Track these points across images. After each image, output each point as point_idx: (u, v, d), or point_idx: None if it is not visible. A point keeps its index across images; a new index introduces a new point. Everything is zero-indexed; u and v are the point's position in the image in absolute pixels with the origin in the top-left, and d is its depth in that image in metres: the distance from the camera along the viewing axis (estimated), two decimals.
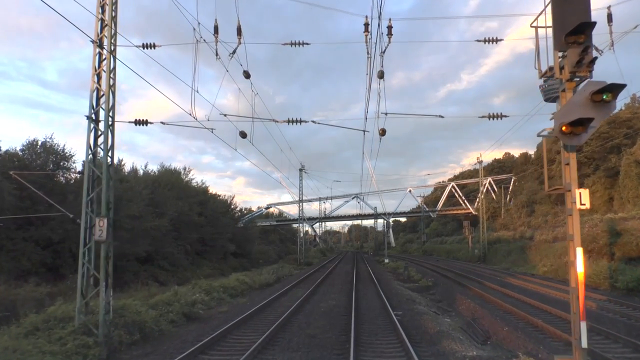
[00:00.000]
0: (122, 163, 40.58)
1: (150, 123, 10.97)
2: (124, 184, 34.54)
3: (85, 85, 11.82)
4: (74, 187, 25.27)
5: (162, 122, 11.28)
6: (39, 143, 24.12)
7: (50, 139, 24.57)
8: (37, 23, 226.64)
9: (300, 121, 11.02)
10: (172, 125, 11.72)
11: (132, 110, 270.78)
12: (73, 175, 27.72)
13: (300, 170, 48.83)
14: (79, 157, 28.09)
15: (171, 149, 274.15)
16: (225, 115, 11.30)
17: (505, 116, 9.45)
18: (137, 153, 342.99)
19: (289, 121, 11.06)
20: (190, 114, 10.59)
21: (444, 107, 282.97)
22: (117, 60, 10.41)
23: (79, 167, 25.78)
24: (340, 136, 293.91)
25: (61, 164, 26.29)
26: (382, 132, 10.79)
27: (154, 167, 47.30)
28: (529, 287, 22.68)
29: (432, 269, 38.84)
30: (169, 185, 43.76)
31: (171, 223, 38.05)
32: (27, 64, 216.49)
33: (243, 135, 11.68)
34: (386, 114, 10.16)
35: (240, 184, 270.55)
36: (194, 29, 10.63)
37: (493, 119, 9.51)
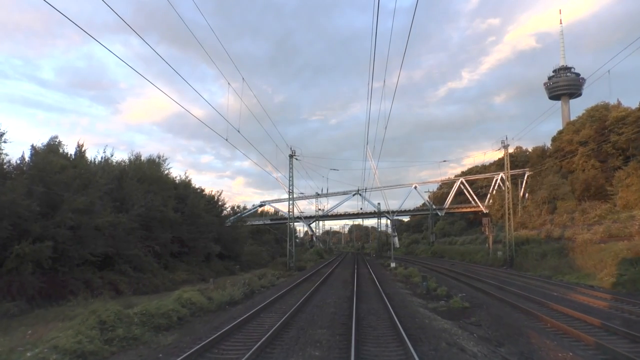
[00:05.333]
0: (83, 149, 33.17)
1: None
2: (71, 170, 27.18)
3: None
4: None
5: None
6: None
7: None
8: (34, 20, 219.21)
9: None
10: None
11: (131, 109, 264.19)
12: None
13: (291, 156, 40.45)
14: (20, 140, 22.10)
15: (170, 148, 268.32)
16: None
17: None
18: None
19: None
20: None
21: (444, 107, 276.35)
22: None
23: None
24: (340, 136, 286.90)
25: None
26: None
27: (124, 157, 39.78)
28: (624, 311, 14.80)
29: (453, 276, 30.95)
30: (139, 175, 36.66)
31: (138, 219, 30.79)
32: (23, 62, 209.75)
33: None
34: None
35: (239, 184, 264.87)
36: None
37: None
